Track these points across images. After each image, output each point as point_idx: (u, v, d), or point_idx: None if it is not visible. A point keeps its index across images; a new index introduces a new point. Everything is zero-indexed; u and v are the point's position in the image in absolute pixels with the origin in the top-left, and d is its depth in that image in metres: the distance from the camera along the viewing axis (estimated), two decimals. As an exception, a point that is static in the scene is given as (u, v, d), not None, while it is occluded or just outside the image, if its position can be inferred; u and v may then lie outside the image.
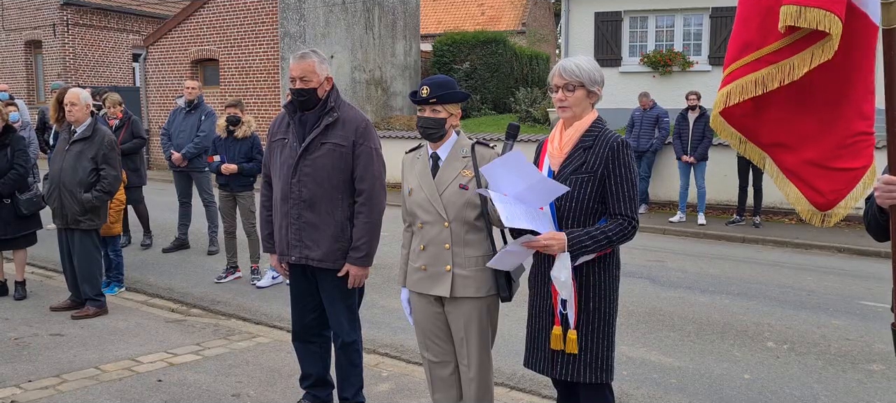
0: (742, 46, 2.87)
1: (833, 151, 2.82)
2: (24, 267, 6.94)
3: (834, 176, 2.83)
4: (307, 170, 3.91)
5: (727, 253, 9.65)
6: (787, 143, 2.93)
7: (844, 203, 2.83)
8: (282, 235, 4.02)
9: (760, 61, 2.80)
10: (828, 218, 2.89)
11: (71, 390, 4.69)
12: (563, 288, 2.99)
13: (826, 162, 2.84)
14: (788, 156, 2.94)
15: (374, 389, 4.71)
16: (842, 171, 2.82)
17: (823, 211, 2.88)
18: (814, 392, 4.97)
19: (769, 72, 2.78)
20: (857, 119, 2.78)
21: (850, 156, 2.80)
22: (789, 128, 2.90)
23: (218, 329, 6.07)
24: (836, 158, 2.82)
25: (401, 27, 20.50)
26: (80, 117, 6.24)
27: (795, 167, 2.92)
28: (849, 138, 2.79)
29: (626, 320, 6.38)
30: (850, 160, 2.80)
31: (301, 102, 3.92)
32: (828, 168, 2.84)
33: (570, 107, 3.07)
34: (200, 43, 18.53)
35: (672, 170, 12.27)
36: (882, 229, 2.70)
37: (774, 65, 2.77)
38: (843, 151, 2.81)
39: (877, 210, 2.68)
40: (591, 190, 3.02)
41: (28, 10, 22.20)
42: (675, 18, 15.92)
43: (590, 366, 3.07)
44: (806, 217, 2.93)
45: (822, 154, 2.85)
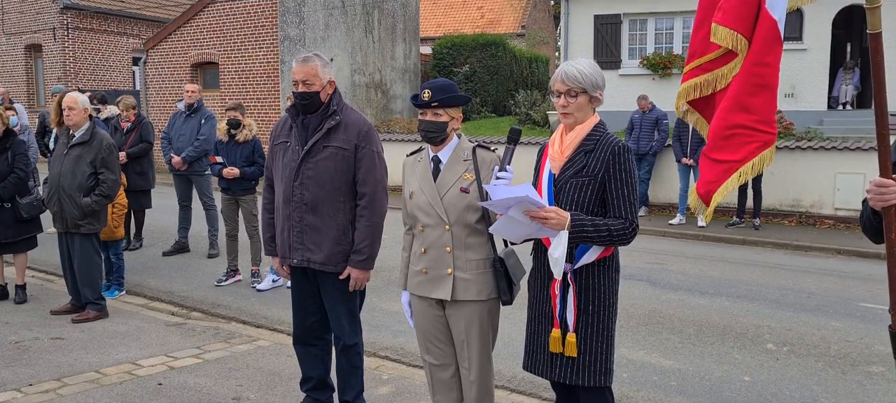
0: (691, 53, 3.19)
1: (714, 142, 3.02)
2: (24, 271, 6.94)
3: (713, 167, 3.02)
4: (309, 173, 3.92)
5: (727, 256, 9.66)
6: None
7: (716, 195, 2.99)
8: (284, 238, 4.03)
9: (700, 68, 3.12)
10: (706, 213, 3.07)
11: (71, 394, 4.69)
12: (556, 265, 2.99)
13: (710, 152, 3.05)
14: None
15: (374, 392, 4.71)
16: (719, 163, 2.98)
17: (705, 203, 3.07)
18: (814, 394, 4.98)
19: (705, 79, 3.10)
20: (737, 111, 2.94)
21: (729, 149, 2.95)
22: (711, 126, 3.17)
23: (218, 332, 6.08)
24: (717, 149, 3.01)
25: (400, 30, 20.52)
26: (78, 121, 6.25)
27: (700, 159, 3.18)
28: (727, 129, 2.95)
29: (627, 322, 6.39)
30: (729, 152, 2.95)
31: (304, 106, 3.93)
32: (710, 159, 3.04)
33: (572, 112, 3.07)
34: (200, 46, 18.55)
35: (672, 172, 12.28)
36: (877, 231, 2.72)
37: (710, 73, 3.08)
38: (724, 143, 2.98)
39: (870, 212, 2.70)
40: (591, 193, 3.03)
41: (28, 13, 22.22)
42: (674, 21, 15.95)
43: (589, 369, 3.07)
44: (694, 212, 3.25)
45: (709, 145, 3.08)
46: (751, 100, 2.90)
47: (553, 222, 2.93)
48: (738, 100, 2.93)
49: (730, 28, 2.87)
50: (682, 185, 11.73)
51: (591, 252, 3.04)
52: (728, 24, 2.88)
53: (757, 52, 2.91)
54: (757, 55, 2.91)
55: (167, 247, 9.27)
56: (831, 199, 11.51)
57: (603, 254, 3.06)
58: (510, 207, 2.95)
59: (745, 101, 2.91)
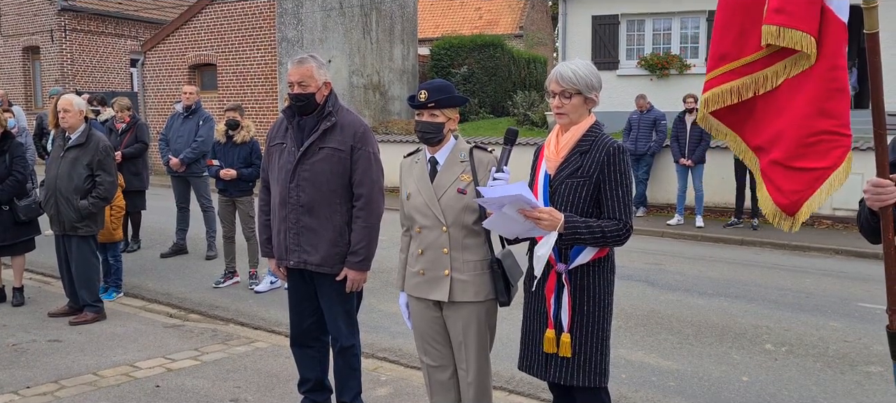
0: (719, 56, 3.00)
1: (794, 150, 2.85)
2: (22, 273, 6.93)
3: (796, 176, 2.85)
4: (305, 174, 3.91)
5: (725, 256, 9.66)
6: (762, 145, 3.00)
7: (808, 205, 2.83)
8: (280, 240, 4.03)
9: (735, 72, 2.95)
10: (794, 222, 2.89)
11: (69, 396, 4.68)
12: (538, 262, 3.00)
13: (788, 161, 2.87)
14: (763, 157, 3.01)
15: (372, 393, 4.71)
16: (804, 171, 2.82)
17: (787, 213, 2.89)
18: (812, 394, 4.97)
19: (744, 82, 2.93)
20: (819, 117, 2.80)
21: (813, 156, 2.81)
22: (764, 130, 2.98)
23: (216, 334, 6.07)
24: (798, 158, 2.84)
25: (398, 31, 20.51)
26: (74, 124, 6.24)
27: (766, 168, 2.98)
28: (810, 136, 2.80)
29: (625, 323, 6.39)
30: (814, 160, 2.80)
31: (299, 107, 3.92)
32: (790, 168, 2.87)
33: (567, 113, 3.08)
34: (198, 48, 18.54)
35: (670, 172, 12.29)
36: (874, 231, 2.71)
37: (749, 76, 2.91)
38: (806, 150, 2.82)
39: (868, 212, 2.69)
40: (586, 194, 3.03)
41: (26, 15, 22.19)
42: (672, 21, 15.95)
43: (583, 369, 3.07)
44: (772, 220, 2.94)
45: (785, 153, 2.89)
46: (831, 105, 2.80)
47: (545, 223, 2.93)
48: (819, 106, 2.80)
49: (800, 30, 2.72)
50: (680, 186, 11.73)
51: (586, 253, 3.04)
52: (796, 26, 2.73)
53: (831, 55, 2.79)
54: (831, 58, 2.79)
55: (165, 249, 9.26)
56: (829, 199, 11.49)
57: (598, 255, 3.06)
58: (505, 204, 2.95)
59: (826, 107, 2.80)
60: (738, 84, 2.95)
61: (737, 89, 2.95)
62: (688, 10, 15.66)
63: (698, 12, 15.57)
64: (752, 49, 2.89)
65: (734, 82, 2.96)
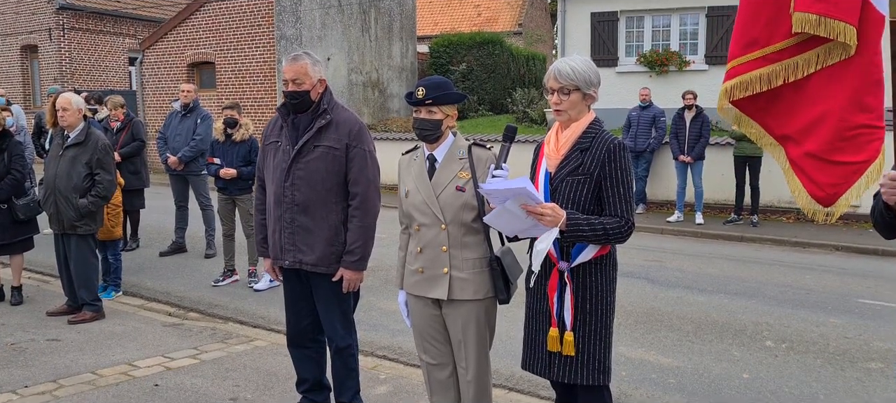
0: (748, 42, 2.89)
1: (832, 144, 2.77)
2: (20, 272, 6.92)
3: (833, 169, 2.77)
4: (300, 173, 3.89)
5: (725, 253, 9.65)
6: (792, 136, 2.91)
7: (845, 198, 2.76)
8: (275, 239, 4.00)
9: (766, 58, 2.83)
10: (830, 216, 2.83)
11: (68, 395, 4.67)
12: (537, 257, 2.98)
13: (825, 154, 2.80)
14: (793, 148, 2.92)
15: (371, 391, 4.69)
16: (841, 165, 2.75)
17: (824, 205, 2.82)
18: (813, 390, 4.97)
19: (774, 69, 2.82)
20: (858, 111, 2.73)
21: (851, 150, 2.73)
22: (794, 121, 2.90)
23: (215, 332, 6.06)
24: (836, 151, 2.77)
25: (397, 29, 20.49)
26: (73, 122, 6.22)
27: (798, 159, 2.90)
28: (848, 130, 2.73)
29: (625, 320, 6.38)
30: (852, 153, 2.73)
31: (294, 105, 3.90)
32: (827, 161, 2.79)
33: (565, 110, 3.06)
34: (196, 46, 18.52)
35: (669, 169, 12.28)
36: (889, 227, 2.65)
37: (779, 63, 2.80)
38: (844, 144, 2.74)
39: (883, 206, 2.62)
40: (587, 191, 3.01)
41: (24, 14, 22.17)
42: (671, 18, 15.92)
43: (587, 368, 3.06)
44: (807, 212, 2.87)
45: (821, 146, 2.81)
46: (869, 99, 2.74)
47: (548, 219, 2.91)
48: (858, 99, 2.74)
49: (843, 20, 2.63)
50: (679, 183, 11.72)
51: (588, 250, 3.02)
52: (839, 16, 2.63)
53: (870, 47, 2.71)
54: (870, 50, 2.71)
55: (164, 248, 9.25)
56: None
57: (600, 253, 3.05)
58: (507, 199, 2.93)
59: (864, 100, 2.74)
60: (768, 71, 2.85)
61: (767, 76, 2.86)
62: (687, 6, 15.63)
63: (697, 9, 15.54)
64: (783, 36, 2.81)
65: (764, 69, 2.86)
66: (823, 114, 2.79)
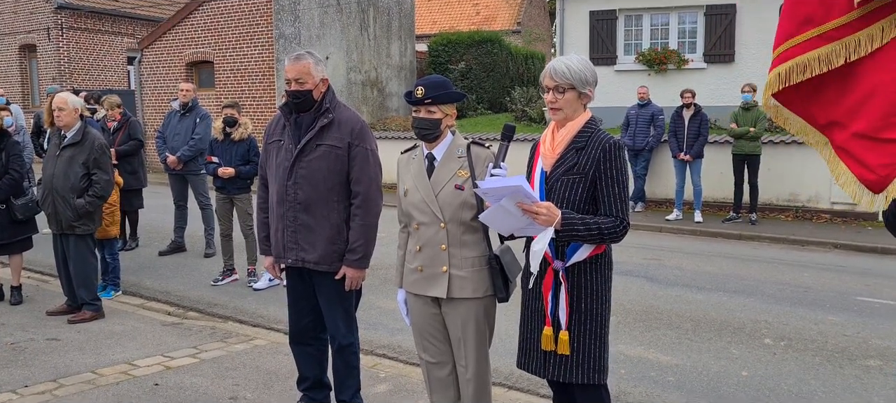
0: (802, 20, 2.59)
1: (883, 120, 2.50)
2: (20, 272, 6.92)
3: (883, 148, 2.50)
4: (303, 172, 3.90)
5: (724, 251, 9.66)
6: (839, 120, 2.65)
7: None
8: (278, 238, 4.02)
9: (823, 37, 2.56)
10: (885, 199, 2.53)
11: (67, 395, 4.67)
12: (534, 258, 2.98)
13: (875, 132, 2.51)
14: (839, 133, 2.65)
15: (371, 390, 4.70)
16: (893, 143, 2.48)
17: (875, 190, 2.55)
18: (811, 388, 4.98)
19: (834, 48, 2.54)
20: None
21: None
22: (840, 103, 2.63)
23: (215, 332, 6.06)
24: (888, 128, 2.49)
25: (396, 28, 20.48)
26: (69, 122, 6.22)
27: (845, 142, 2.62)
28: None
29: (624, 318, 6.39)
30: None
31: (296, 104, 3.91)
32: (877, 139, 2.51)
33: (560, 108, 3.06)
34: (195, 45, 18.50)
35: (668, 168, 12.28)
36: None
37: (838, 41, 2.53)
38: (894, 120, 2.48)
39: None
40: (582, 190, 3.01)
41: (22, 14, 22.14)
42: (669, 16, 15.92)
43: (582, 367, 3.06)
44: (855, 199, 2.60)
45: (871, 124, 2.52)
46: None
47: (543, 218, 2.92)
48: None
49: None
50: (678, 181, 11.73)
51: (583, 250, 3.02)
52: None
53: None
54: None
55: (163, 247, 9.25)
56: (828, 194, 11.51)
57: (595, 252, 3.05)
58: (503, 197, 2.94)
59: None
60: (827, 50, 2.54)
61: (827, 56, 2.55)
62: (685, 4, 15.64)
63: (696, 7, 15.55)
64: (841, 11, 2.51)
65: (823, 49, 2.55)
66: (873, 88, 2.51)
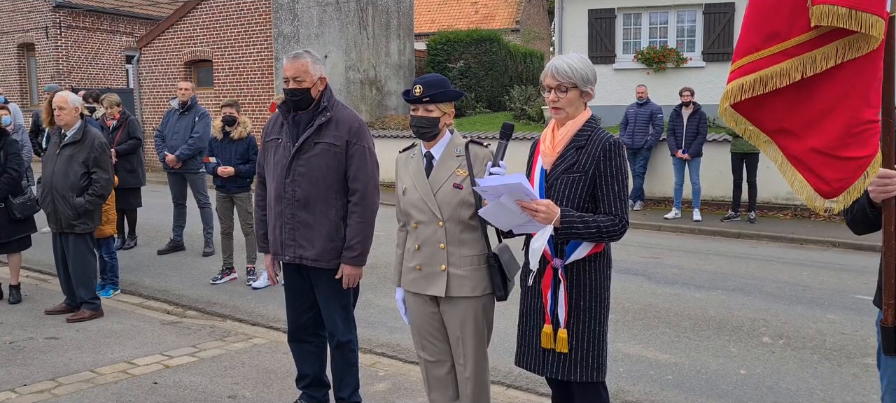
0: (768, 35, 2.75)
1: (840, 140, 2.70)
2: (18, 271, 6.91)
3: (840, 165, 2.71)
4: (301, 169, 3.92)
5: (723, 249, 9.67)
6: (791, 130, 2.83)
7: (849, 191, 2.70)
8: (276, 235, 4.04)
9: (785, 53, 2.71)
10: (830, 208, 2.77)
11: (66, 393, 4.67)
12: (533, 255, 2.99)
13: (833, 150, 2.72)
14: (793, 143, 2.84)
15: (370, 388, 4.70)
16: (848, 160, 2.70)
17: (826, 198, 2.76)
18: (809, 386, 4.98)
19: (792, 64, 2.70)
20: (865, 107, 2.67)
21: (856, 145, 2.68)
22: (794, 115, 2.81)
23: (214, 330, 6.06)
24: (844, 147, 2.70)
25: (395, 26, 20.48)
26: (69, 121, 6.22)
27: (801, 155, 2.82)
28: (857, 127, 2.68)
29: (622, 317, 6.39)
30: (857, 149, 2.68)
31: (295, 102, 3.93)
32: (835, 157, 2.72)
33: (562, 107, 3.06)
34: (194, 44, 18.49)
35: (667, 166, 12.29)
36: (869, 223, 2.67)
37: (797, 57, 2.69)
38: (851, 140, 2.68)
39: (866, 203, 2.64)
40: (582, 189, 3.02)
41: (20, 12, 22.12)
42: (668, 15, 15.92)
43: (580, 365, 3.07)
44: (810, 204, 2.81)
45: (829, 142, 2.73)
46: (874, 94, 2.67)
47: (542, 216, 2.92)
48: (866, 96, 2.66)
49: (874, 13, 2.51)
50: (677, 180, 11.73)
51: (582, 248, 3.03)
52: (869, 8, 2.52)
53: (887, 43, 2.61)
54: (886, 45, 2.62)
55: (162, 246, 9.25)
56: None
57: (594, 250, 3.05)
58: (502, 194, 2.94)
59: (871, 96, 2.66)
60: (788, 66, 2.71)
61: (787, 72, 2.71)
62: (684, 3, 15.64)
63: (694, 6, 15.56)
64: (802, 29, 2.67)
65: (784, 64, 2.71)
66: (832, 108, 2.71)
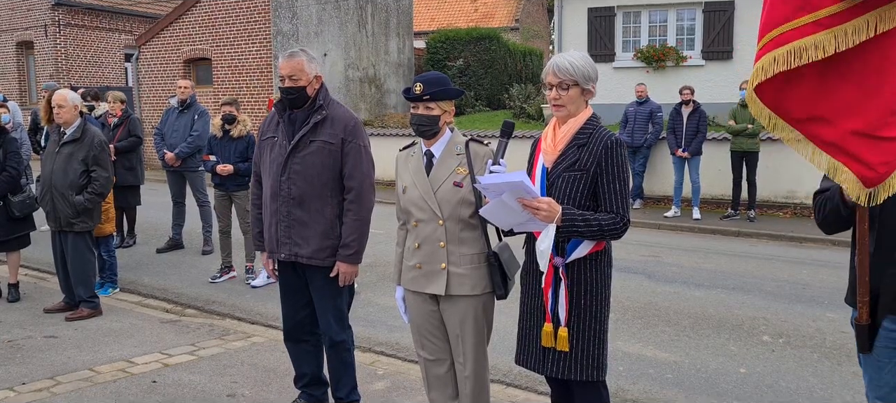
0: (799, 5, 2.54)
1: (882, 119, 2.51)
2: (17, 269, 6.90)
3: (884, 146, 2.52)
4: (296, 167, 3.92)
5: (722, 248, 9.66)
6: (824, 116, 2.62)
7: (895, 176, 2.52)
8: (271, 233, 4.04)
9: (818, 23, 2.50)
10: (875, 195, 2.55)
11: (65, 392, 4.66)
12: (541, 258, 2.98)
13: (874, 131, 2.52)
14: (827, 129, 2.62)
15: (369, 387, 4.70)
16: (891, 141, 2.51)
17: (871, 186, 2.55)
18: (809, 385, 4.98)
19: (826, 36, 2.49)
20: None
21: None
22: (826, 99, 2.60)
23: (213, 329, 6.06)
24: (885, 126, 2.50)
25: (394, 24, 20.46)
26: (69, 119, 6.20)
27: (839, 140, 2.59)
28: None
29: (622, 315, 6.39)
30: None
31: (290, 100, 3.94)
32: (877, 137, 2.52)
33: (564, 105, 3.06)
34: (193, 42, 18.47)
35: (666, 164, 12.28)
36: (842, 222, 2.67)
37: (829, 30, 2.49)
38: (893, 118, 2.50)
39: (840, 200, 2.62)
40: (583, 187, 3.01)
41: (19, 10, 22.09)
42: (667, 13, 15.91)
43: (581, 363, 3.06)
44: (853, 194, 2.58)
45: (869, 123, 2.52)
46: None
47: (544, 214, 2.91)
48: None
49: None
50: (676, 178, 11.72)
51: (583, 246, 3.02)
52: None
53: None
54: None
55: (161, 244, 9.24)
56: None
57: (595, 249, 3.04)
58: (504, 192, 2.93)
59: None
60: (822, 37, 2.49)
61: (822, 44, 2.49)
62: (683, 1, 15.63)
63: (694, 4, 15.55)
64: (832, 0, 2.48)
65: (818, 35, 2.49)
66: (873, 86, 2.51)
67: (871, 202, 2.56)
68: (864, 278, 2.61)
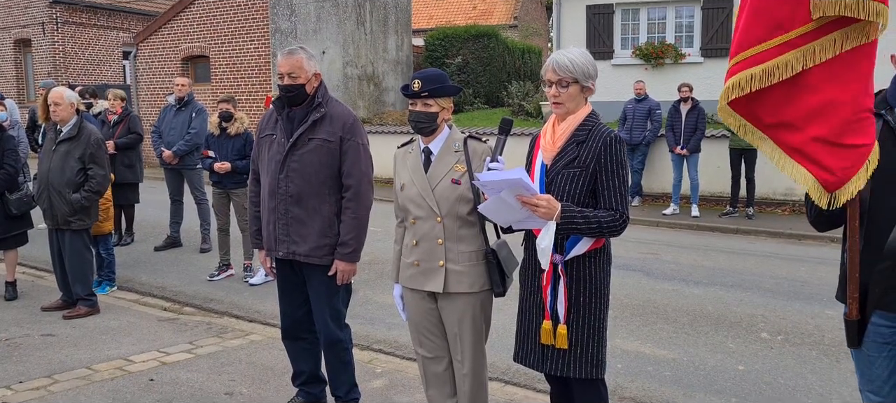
0: (774, 26, 2.69)
1: (843, 127, 2.67)
2: (14, 268, 6.89)
3: (844, 153, 2.68)
4: (295, 165, 3.90)
5: (721, 245, 9.66)
6: (790, 122, 2.78)
7: (854, 180, 2.68)
8: (269, 231, 4.03)
9: (788, 44, 2.66)
10: (835, 199, 2.72)
11: (62, 390, 4.65)
12: (542, 255, 2.97)
13: (836, 138, 2.68)
14: (793, 135, 2.79)
15: (368, 385, 4.69)
16: (852, 148, 2.67)
17: (831, 189, 2.72)
18: (808, 382, 4.98)
19: (795, 55, 2.66)
20: (864, 95, 2.66)
21: (859, 133, 2.66)
22: (792, 107, 2.76)
23: (211, 327, 6.05)
24: (847, 134, 2.67)
25: (392, 22, 20.44)
26: (65, 117, 6.19)
27: (802, 146, 2.77)
28: (859, 113, 2.66)
29: (621, 313, 6.38)
30: (860, 136, 2.66)
31: (289, 98, 3.92)
32: (838, 145, 2.69)
33: (563, 102, 3.05)
34: (191, 40, 18.44)
35: (665, 162, 12.28)
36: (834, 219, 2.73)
37: (799, 49, 2.65)
38: (855, 126, 2.66)
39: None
40: (582, 184, 3.00)
41: (17, 8, 22.05)
42: (666, 10, 15.90)
43: (580, 361, 3.05)
44: (815, 197, 2.75)
45: (832, 130, 2.68)
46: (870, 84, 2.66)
47: (543, 211, 2.90)
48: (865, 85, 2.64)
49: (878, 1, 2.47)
50: (675, 175, 11.72)
51: (582, 244, 3.01)
52: None
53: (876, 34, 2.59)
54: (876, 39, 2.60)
55: (159, 242, 9.22)
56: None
57: (594, 246, 3.03)
58: (502, 189, 2.92)
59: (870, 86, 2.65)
60: (791, 56, 2.65)
61: (790, 62, 2.66)
62: (682, -2, 15.64)
63: (693, 1, 15.54)
64: (803, 19, 2.63)
65: (788, 55, 2.66)
66: (836, 97, 2.66)
67: (832, 205, 2.72)
68: (854, 274, 2.67)
